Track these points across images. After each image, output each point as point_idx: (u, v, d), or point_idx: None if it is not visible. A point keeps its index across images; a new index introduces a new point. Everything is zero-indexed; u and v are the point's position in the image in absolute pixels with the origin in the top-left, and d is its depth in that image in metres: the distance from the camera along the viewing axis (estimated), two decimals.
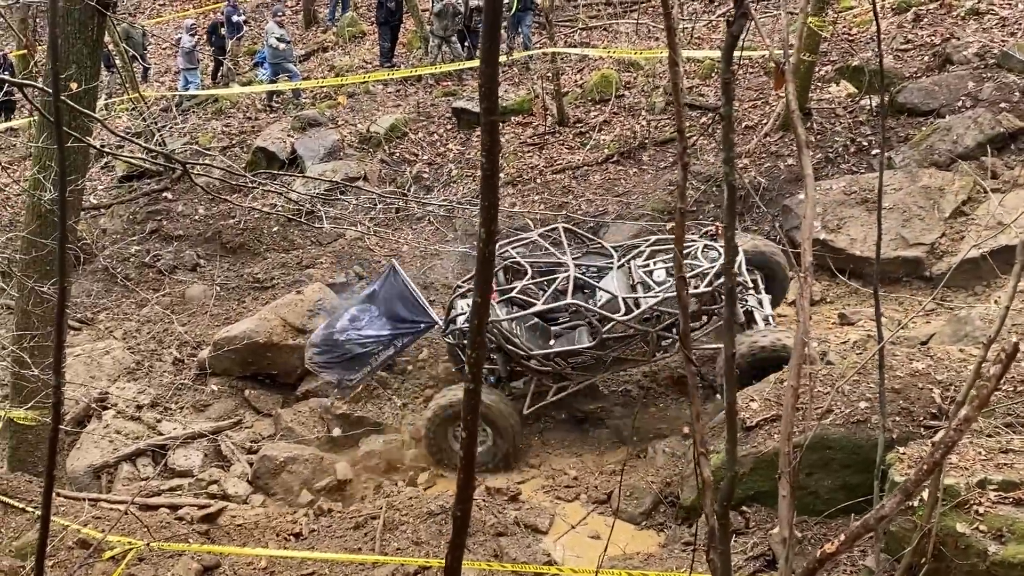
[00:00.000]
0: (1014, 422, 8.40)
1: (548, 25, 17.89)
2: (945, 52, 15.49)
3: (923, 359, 9.42)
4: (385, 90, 19.44)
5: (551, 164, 16.29)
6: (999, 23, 15.98)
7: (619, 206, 15.08)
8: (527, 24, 19.44)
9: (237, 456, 11.80)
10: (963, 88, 14.63)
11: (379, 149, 17.30)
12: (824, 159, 14.67)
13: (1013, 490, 7.32)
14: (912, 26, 16.73)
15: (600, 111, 17.33)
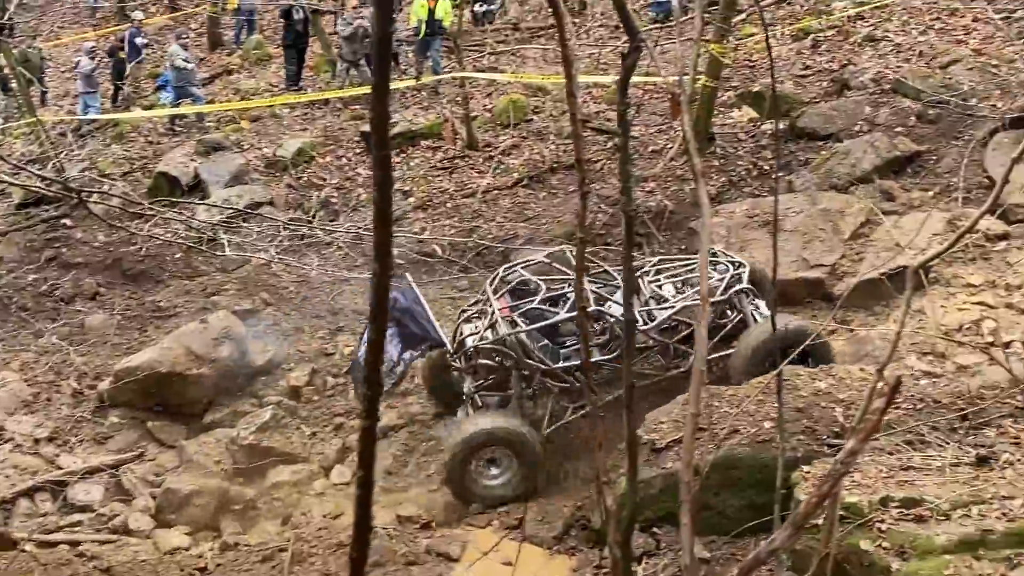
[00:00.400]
0: (913, 439, 8.61)
1: (456, 50, 17.93)
2: (843, 78, 15.96)
3: (825, 378, 9.60)
4: (292, 114, 19.24)
5: (461, 188, 16.29)
6: (894, 50, 16.52)
7: (529, 230, 15.13)
8: (436, 48, 19.46)
9: (140, 490, 11.46)
10: (860, 113, 15.06)
11: (286, 173, 17.10)
12: (728, 182, 14.94)
13: (914, 507, 7.48)
14: (811, 52, 17.20)
15: (509, 135, 17.41)
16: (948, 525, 7.26)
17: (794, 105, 15.67)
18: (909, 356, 10.76)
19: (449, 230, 15.22)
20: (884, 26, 17.22)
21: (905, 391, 9.32)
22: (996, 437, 8.54)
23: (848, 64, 16.23)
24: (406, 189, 16.36)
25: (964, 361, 10.28)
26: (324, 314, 14.15)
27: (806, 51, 17.26)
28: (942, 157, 13.93)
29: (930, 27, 16.92)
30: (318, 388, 12.97)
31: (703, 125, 15.46)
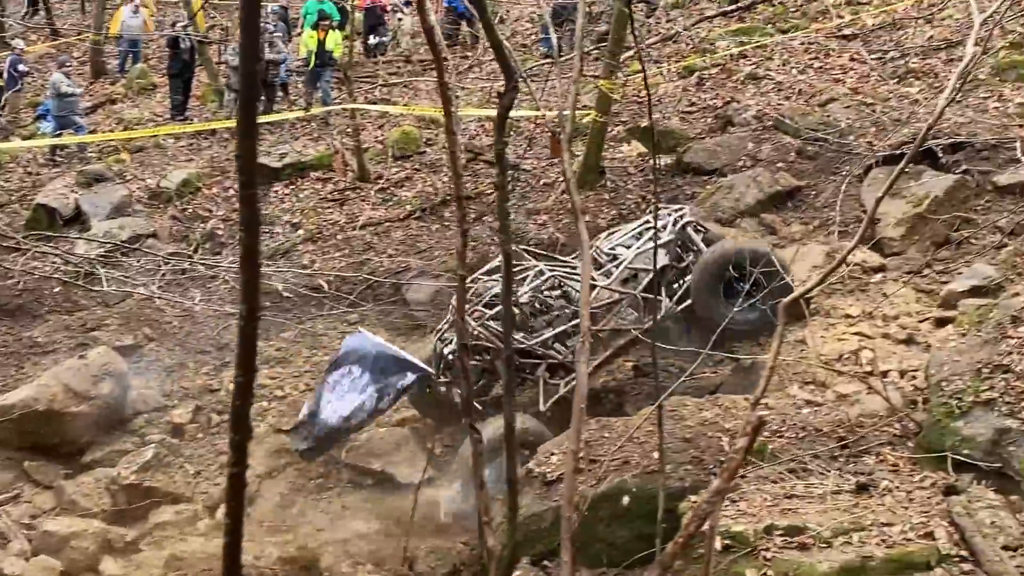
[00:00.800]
0: (797, 468, 8.80)
1: (347, 81, 17.85)
2: (727, 115, 16.36)
3: (712, 408, 9.76)
4: (177, 144, 18.86)
5: (352, 220, 16.15)
6: (775, 88, 17.01)
7: (421, 262, 15.08)
8: (326, 80, 19.34)
9: (15, 532, 10.99)
10: (744, 148, 15.45)
11: (170, 205, 16.72)
12: (618, 215, 15.13)
13: (798, 535, 7.63)
14: (696, 90, 17.59)
15: (401, 167, 17.36)
16: (830, 552, 7.42)
17: (680, 140, 16.00)
18: (792, 385, 11.02)
19: (339, 263, 15.06)
20: (765, 65, 17.74)
21: (788, 420, 9.54)
22: (875, 465, 8.78)
23: (731, 101, 16.65)
24: (295, 221, 16.17)
25: (844, 390, 10.55)
26: (209, 349, 13.83)
27: (692, 88, 17.65)
28: (821, 192, 14.36)
29: (809, 66, 17.49)
30: (202, 425, 12.66)
31: (594, 159, 15.69)
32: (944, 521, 7.62)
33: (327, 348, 13.88)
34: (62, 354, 13.65)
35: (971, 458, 8.21)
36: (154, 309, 14.23)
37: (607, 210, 15.27)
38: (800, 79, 17.01)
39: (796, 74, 17.24)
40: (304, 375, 13.44)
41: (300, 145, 18.05)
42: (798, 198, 14.49)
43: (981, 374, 8.63)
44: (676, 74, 18.26)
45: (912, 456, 8.79)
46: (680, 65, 18.44)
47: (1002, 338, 8.94)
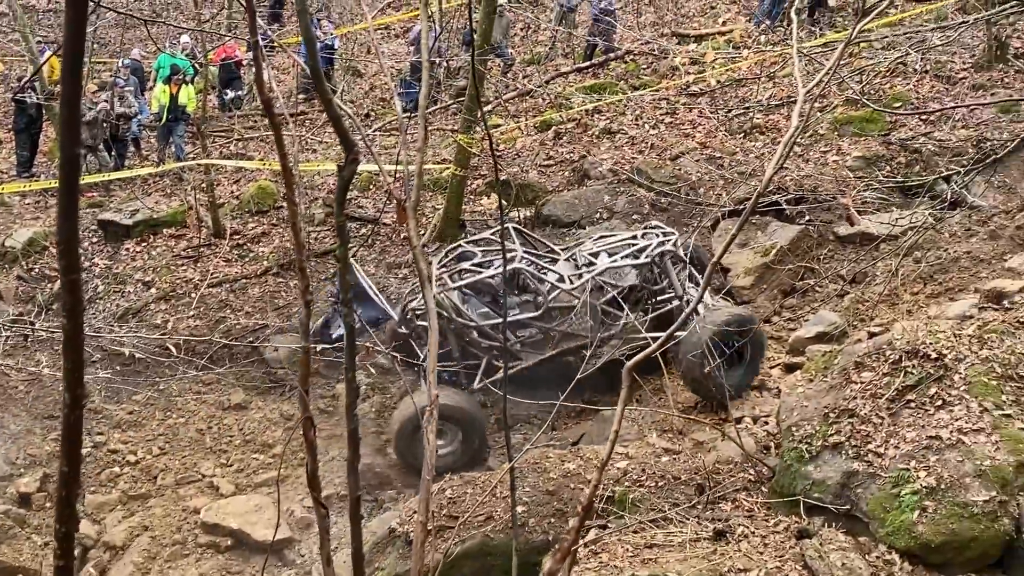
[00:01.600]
0: (657, 517, 8.93)
1: (201, 136, 17.54)
2: (583, 168, 16.72)
3: (574, 459, 9.84)
4: (23, 202, 18.15)
5: (207, 277, 15.78)
6: (628, 142, 17.49)
7: (280, 319, 14.82)
8: (179, 134, 18.97)
9: None
10: (600, 201, 15.79)
11: (16, 265, 16.03)
12: None
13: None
14: (553, 144, 17.94)
15: (258, 222, 17.09)
16: None
17: (539, 194, 16.27)
18: (651, 434, 11.22)
19: (194, 321, 14.67)
20: (619, 120, 18.24)
21: (648, 469, 9.69)
22: (731, 511, 8.98)
23: (587, 155, 17.04)
24: (147, 280, 15.70)
25: (700, 437, 10.80)
26: (57, 414, 13.24)
27: (549, 142, 18.00)
28: None
29: (660, 121, 18.07)
30: (50, 494, 12.08)
31: (454, 212, 15.78)
32: (798, 565, 7.83)
33: (182, 410, 13.48)
34: None
35: (822, 501, 8.46)
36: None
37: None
38: (652, 134, 17.55)
39: (648, 129, 17.78)
40: (158, 438, 13.00)
41: (152, 201, 17.59)
42: None
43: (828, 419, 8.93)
44: (534, 128, 18.59)
45: (767, 501, 9.02)
46: (537, 120, 18.80)
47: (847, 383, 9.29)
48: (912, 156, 15.43)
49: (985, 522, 7.57)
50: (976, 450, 7.91)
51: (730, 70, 19.06)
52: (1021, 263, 12.32)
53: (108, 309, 15.04)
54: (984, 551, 7.63)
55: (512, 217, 16.01)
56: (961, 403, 8.42)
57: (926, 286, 12.56)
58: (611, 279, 11.65)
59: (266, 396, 13.63)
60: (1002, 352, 8.81)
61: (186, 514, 11.74)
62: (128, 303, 15.13)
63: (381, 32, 25.41)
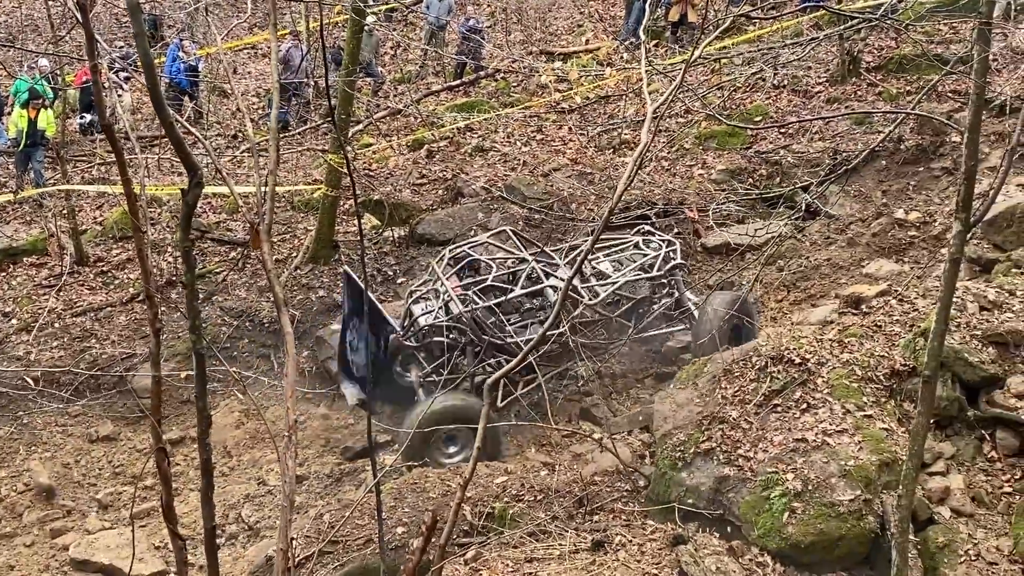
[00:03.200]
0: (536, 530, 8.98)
1: (61, 161, 16.95)
2: (456, 186, 16.76)
3: (455, 478, 9.82)
4: None
5: (70, 307, 15.23)
6: (501, 159, 17.62)
7: (148, 346, 14.40)
8: (38, 160, 18.28)
9: None
10: (474, 218, 15.85)
11: None
12: None
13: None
14: (426, 162, 17.95)
15: (123, 248, 16.60)
16: None
17: (413, 212, 16.23)
18: (530, 448, 11.30)
19: (58, 352, 14.14)
20: (491, 137, 18.36)
21: (527, 483, 9.73)
22: (609, 521, 9.09)
23: (460, 173, 17.09)
24: (7, 310, 15.07)
25: (578, 450, 10.92)
26: None
27: (422, 161, 17.99)
28: None
29: (532, 138, 18.26)
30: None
31: (327, 233, 15.61)
32: (674, 571, 7.98)
33: (48, 443, 12.98)
34: None
35: (696, 507, 8.64)
36: None
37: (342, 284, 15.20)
38: (524, 151, 17.72)
39: (520, 146, 17.95)
40: (24, 474, 12.47)
41: (11, 229, 16.90)
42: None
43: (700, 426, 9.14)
44: (406, 147, 18.55)
45: (643, 509, 9.16)
46: (409, 139, 18.78)
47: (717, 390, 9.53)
48: (772, 168, 15.96)
49: (852, 520, 7.85)
50: (840, 451, 8.20)
51: (597, 87, 19.40)
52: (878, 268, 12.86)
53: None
54: (852, 549, 7.90)
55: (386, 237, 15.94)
56: (825, 406, 8.73)
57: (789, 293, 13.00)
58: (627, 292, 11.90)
59: (136, 426, 13.22)
60: (862, 355, 9.17)
61: (55, 551, 11.28)
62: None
63: (249, 52, 25.03)
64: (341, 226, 16.26)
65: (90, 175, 18.77)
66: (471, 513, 9.28)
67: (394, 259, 15.63)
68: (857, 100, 17.08)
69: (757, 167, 16.05)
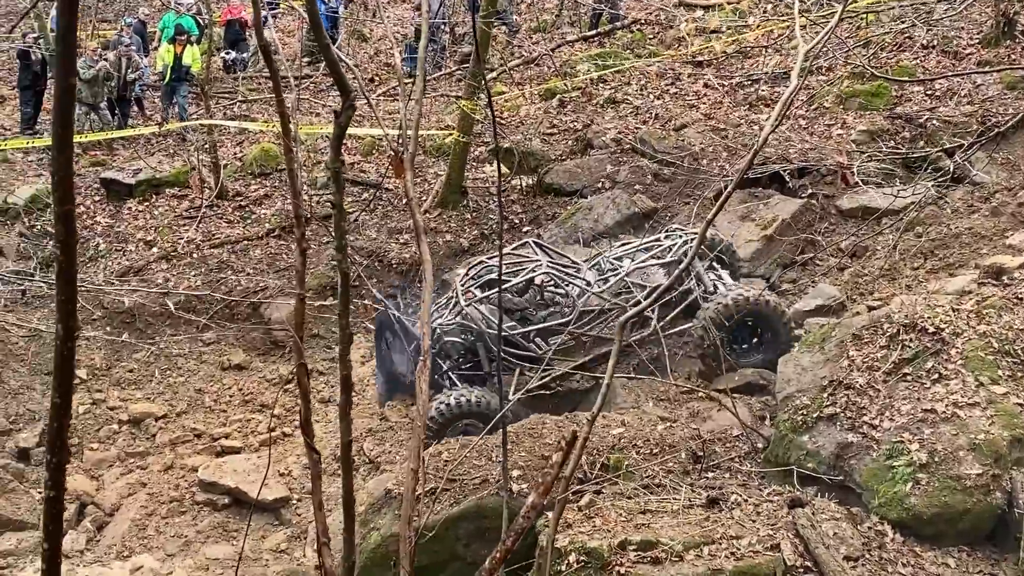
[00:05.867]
0: (650, 483, 8.98)
1: (204, 96, 17.49)
2: (587, 137, 16.67)
3: (570, 426, 9.87)
4: (26, 159, 18.12)
5: (209, 238, 15.79)
6: (633, 112, 17.43)
7: (280, 281, 14.83)
8: (182, 95, 18.92)
9: None
10: (603, 171, 15.76)
11: (18, 221, 16.04)
12: (479, 235, 15.24)
13: (651, 549, 7.77)
14: (557, 112, 17.89)
15: (261, 184, 17.08)
16: (681, 566, 7.59)
17: (542, 162, 16.23)
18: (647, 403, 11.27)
19: (195, 282, 14.69)
20: (624, 90, 18.17)
21: (643, 436, 9.73)
22: (725, 479, 9.03)
23: (591, 124, 16.98)
24: (149, 239, 15.71)
25: (696, 407, 10.84)
26: None
27: (553, 111, 17.94)
28: (676, 214, 14.76)
29: (665, 92, 18.00)
30: None
31: (456, 179, 15.77)
32: (789, 533, 7.88)
33: (182, 369, 13.53)
34: None
35: (815, 472, 8.51)
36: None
37: (469, 230, 15.37)
38: (656, 104, 17.49)
39: (653, 99, 17.72)
40: (157, 397, 13.05)
41: (155, 161, 17.57)
42: (655, 219, 14.85)
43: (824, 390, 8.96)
44: (538, 96, 18.52)
45: (760, 470, 9.08)
46: (542, 88, 18.72)
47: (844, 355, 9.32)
48: (916, 131, 15.37)
49: (978, 495, 7.62)
50: (971, 424, 7.95)
51: (736, 40, 18.96)
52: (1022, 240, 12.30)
53: (110, 267, 15.05)
54: (976, 524, 7.68)
55: (513, 185, 15.99)
56: (957, 377, 8.45)
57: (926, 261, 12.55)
58: (640, 280, 11.62)
59: (266, 357, 13.68)
60: (1000, 328, 8.83)
61: (184, 472, 11.80)
62: (129, 262, 15.15)
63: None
64: (470, 172, 16.38)
65: (232, 112, 19.33)
66: (585, 462, 9.34)
67: (520, 207, 15.69)
68: (1011, 64, 16.29)
69: (900, 129, 15.48)
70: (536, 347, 11.58)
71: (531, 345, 11.46)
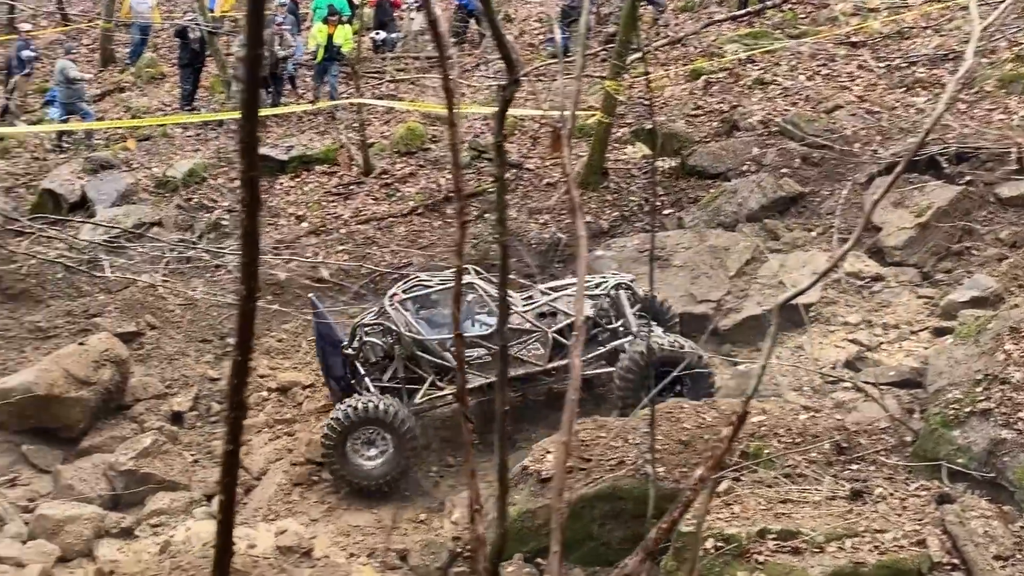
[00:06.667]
0: (792, 473, 8.83)
1: (355, 76, 17.88)
2: (733, 119, 16.38)
3: (709, 412, 9.79)
4: (185, 134, 18.90)
5: (356, 214, 16.19)
6: (782, 93, 17.04)
7: (424, 258, 15.10)
8: (333, 74, 19.37)
9: (12, 515, 11.04)
10: (748, 153, 15.46)
11: (176, 194, 16.76)
12: (620, 217, 15.17)
13: (790, 539, 7.67)
14: (703, 93, 17.61)
15: (406, 163, 17.39)
16: (822, 557, 7.47)
17: (685, 143, 16.02)
18: (789, 391, 11.06)
19: (342, 256, 15.09)
20: (773, 70, 17.76)
21: (785, 425, 9.56)
22: (870, 472, 8.81)
23: (738, 106, 16.67)
24: (300, 214, 16.21)
25: (841, 397, 10.59)
26: (211, 338, 13.89)
27: (698, 91, 17.67)
28: (825, 199, 14.37)
29: (816, 73, 17.51)
30: (201, 414, 12.71)
31: (597, 160, 15.71)
32: (937, 529, 7.65)
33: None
34: (63, 339, 13.70)
35: (965, 468, 8.25)
36: (156, 297, 14.26)
37: (609, 211, 15.31)
38: (807, 85, 17.04)
39: (803, 80, 17.27)
40: (305, 367, 13.46)
41: (306, 138, 18.09)
42: (801, 204, 14.50)
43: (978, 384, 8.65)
44: (683, 77, 18.28)
45: (907, 464, 8.82)
46: (687, 68, 18.47)
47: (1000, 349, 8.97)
48: None
49: None
50: None
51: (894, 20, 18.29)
52: None
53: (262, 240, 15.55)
54: None
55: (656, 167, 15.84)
56: None
57: None
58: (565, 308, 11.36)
59: None
60: None
61: None
62: (281, 235, 15.66)
63: None
64: (611, 154, 16.30)
65: (380, 91, 19.71)
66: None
67: (663, 189, 15.53)
68: None
69: None
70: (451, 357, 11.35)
71: (445, 355, 11.24)
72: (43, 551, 10.44)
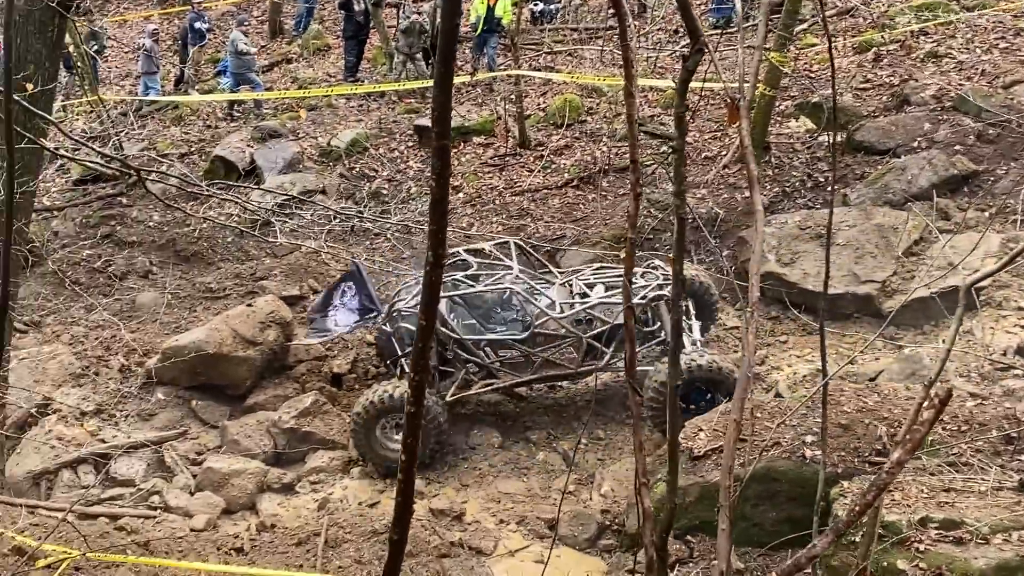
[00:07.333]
0: (956, 461, 8.50)
1: (513, 47, 17.97)
2: (903, 93, 15.75)
3: (871, 395, 9.50)
4: (348, 104, 19.40)
5: (511, 186, 16.32)
6: (956, 67, 16.28)
7: (577, 230, 15.12)
8: (492, 46, 19.52)
9: (181, 467, 11.62)
10: (919, 129, 14.85)
11: (339, 163, 17.24)
12: (781, 193, 14.82)
13: (953, 529, 7.40)
14: (872, 66, 17.00)
15: (562, 135, 17.42)
16: (987, 549, 7.18)
17: (852, 118, 15.50)
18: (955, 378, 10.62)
19: (497, 227, 15.25)
20: (948, 43, 16.99)
21: (950, 412, 9.20)
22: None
23: (909, 79, 16.02)
24: (456, 184, 16.44)
25: (1012, 384, 10.12)
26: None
27: (867, 64, 17.06)
28: (1000, 178, 13.70)
29: (994, 46, 16.66)
30: (359, 376, 13.06)
31: (759, 134, 15.34)
32: None
33: None
34: (232, 300, 14.33)
35: None
36: (319, 262, 14.74)
37: (770, 187, 14.97)
38: (984, 59, 16.23)
39: (980, 54, 16.45)
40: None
41: (464, 110, 18.30)
42: (975, 183, 13.86)
43: None
44: (852, 49, 17.66)
45: None
46: (857, 40, 17.83)
47: None
48: None
49: None
50: None
51: None
52: None
53: (419, 209, 15.90)
54: None
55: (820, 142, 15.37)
56: None
57: None
58: (602, 314, 11.14)
59: None
60: None
61: None
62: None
63: None
64: (774, 128, 15.91)
65: (537, 63, 19.76)
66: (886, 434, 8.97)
67: (826, 165, 15.08)
68: None
69: None
70: (484, 355, 11.38)
71: (480, 352, 11.25)
72: (209, 502, 10.95)
